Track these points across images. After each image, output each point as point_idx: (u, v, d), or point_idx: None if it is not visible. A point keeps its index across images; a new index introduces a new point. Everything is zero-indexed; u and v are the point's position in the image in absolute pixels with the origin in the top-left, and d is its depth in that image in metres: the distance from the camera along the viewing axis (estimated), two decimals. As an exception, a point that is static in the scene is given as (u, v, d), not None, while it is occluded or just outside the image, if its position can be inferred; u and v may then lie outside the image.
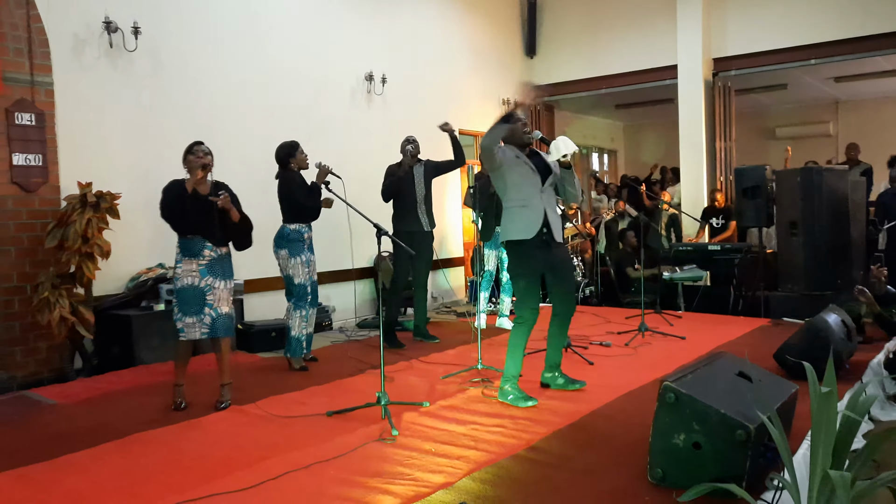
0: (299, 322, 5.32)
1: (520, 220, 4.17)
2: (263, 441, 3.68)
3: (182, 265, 4.28)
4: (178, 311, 4.28)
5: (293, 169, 5.32)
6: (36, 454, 3.51)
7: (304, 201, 5.24)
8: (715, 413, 2.79)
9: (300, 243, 5.29)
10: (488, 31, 10.11)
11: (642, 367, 5.04)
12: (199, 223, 4.28)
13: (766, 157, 12.37)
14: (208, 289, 4.30)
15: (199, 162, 4.26)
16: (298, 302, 5.30)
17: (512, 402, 4.15)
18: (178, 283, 4.28)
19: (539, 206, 4.19)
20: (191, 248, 4.29)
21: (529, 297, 4.21)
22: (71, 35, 5.58)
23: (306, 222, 5.34)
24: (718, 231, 8.86)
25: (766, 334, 6.19)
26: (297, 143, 5.39)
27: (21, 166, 5.25)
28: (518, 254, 4.21)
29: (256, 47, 6.96)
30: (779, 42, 8.98)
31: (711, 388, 2.95)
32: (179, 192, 4.25)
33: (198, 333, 4.30)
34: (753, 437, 2.71)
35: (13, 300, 5.21)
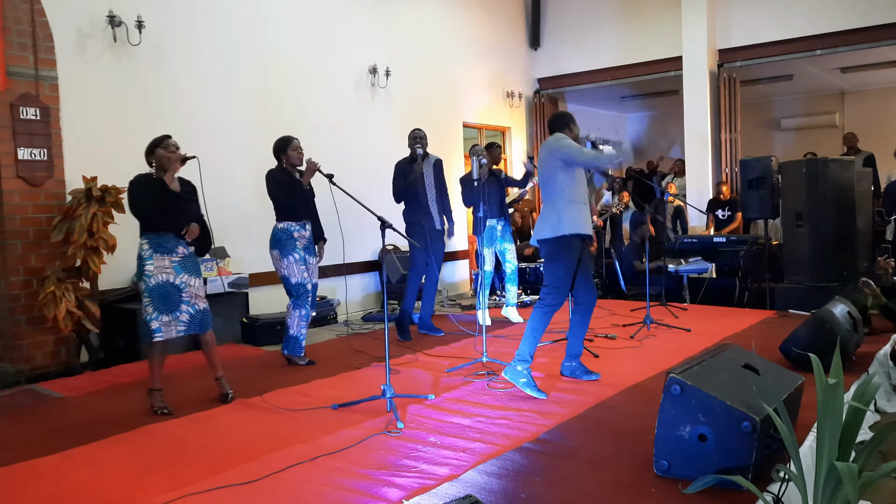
0: (298, 321, 5.24)
1: (582, 216, 4.37)
2: (269, 433, 3.69)
3: (153, 262, 4.10)
4: (153, 310, 4.08)
5: (283, 165, 5.22)
6: (44, 447, 3.52)
7: (282, 199, 5.14)
8: (720, 405, 2.79)
9: (291, 241, 5.13)
10: (492, 23, 10.08)
11: (648, 360, 5.04)
12: (175, 220, 4.17)
13: (772, 148, 12.35)
14: (183, 286, 4.17)
15: (176, 156, 4.14)
16: (297, 301, 5.21)
17: (523, 386, 4.20)
18: (152, 281, 4.08)
19: (588, 204, 4.52)
20: (163, 245, 4.15)
21: (564, 284, 4.34)
22: (75, 29, 5.58)
23: (297, 220, 5.21)
24: (724, 223, 8.84)
25: (771, 326, 6.17)
26: (290, 138, 5.24)
27: (26, 160, 5.27)
28: (568, 246, 4.34)
29: (260, 41, 6.95)
30: (784, 32, 8.93)
31: (717, 380, 2.94)
32: (156, 187, 4.11)
33: (174, 332, 4.14)
34: (759, 429, 2.71)
35: (19, 294, 5.23)
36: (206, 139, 6.31)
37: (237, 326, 6.20)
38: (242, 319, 6.24)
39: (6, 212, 5.19)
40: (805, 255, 6.91)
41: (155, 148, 4.21)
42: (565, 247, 4.34)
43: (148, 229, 4.17)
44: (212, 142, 6.39)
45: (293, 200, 5.16)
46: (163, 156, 4.16)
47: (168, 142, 4.22)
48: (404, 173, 6.10)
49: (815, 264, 6.84)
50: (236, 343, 6.11)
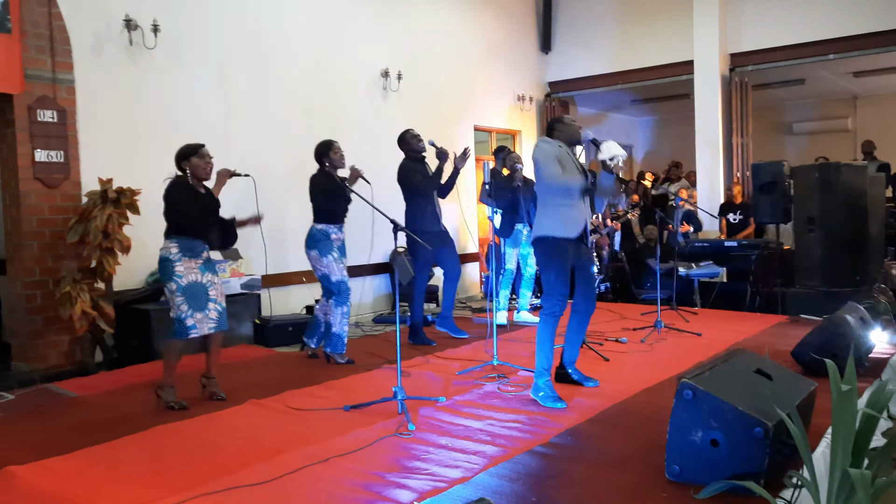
0: (340, 318, 5.30)
1: (566, 218, 4.19)
2: (281, 434, 3.72)
3: (181, 263, 4.22)
4: (188, 308, 4.21)
5: (326, 168, 5.29)
6: (59, 446, 3.56)
7: (323, 205, 5.23)
8: (733, 410, 2.79)
9: (328, 241, 5.23)
10: (503, 26, 10.09)
11: (658, 364, 5.04)
12: (210, 228, 4.36)
13: (783, 152, 12.29)
14: (210, 284, 4.32)
15: (205, 166, 4.29)
16: (339, 298, 5.28)
17: (541, 399, 4.12)
18: (184, 281, 4.21)
19: (582, 208, 4.25)
20: (193, 248, 4.28)
21: (559, 289, 4.21)
22: (92, 33, 5.64)
23: (335, 223, 5.29)
24: (736, 227, 8.81)
25: (783, 331, 6.16)
26: (332, 141, 5.31)
27: (43, 162, 5.33)
28: (553, 249, 4.21)
29: (274, 44, 7.00)
30: (796, 37, 8.90)
31: (729, 385, 2.95)
32: (196, 195, 4.27)
33: (206, 328, 4.29)
34: (772, 435, 2.71)
35: (35, 294, 5.29)
36: (219, 142, 6.33)
37: (249, 327, 6.24)
38: (255, 321, 6.27)
39: (23, 213, 5.25)
40: (817, 259, 6.88)
41: (190, 156, 4.29)
42: (552, 250, 4.21)
43: (182, 234, 4.26)
44: (224, 144, 6.42)
45: (335, 206, 5.21)
46: (199, 165, 4.28)
47: (203, 150, 4.32)
48: (421, 172, 6.03)
49: (828, 269, 6.81)
50: (249, 344, 6.14)
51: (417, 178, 5.95)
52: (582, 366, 4.66)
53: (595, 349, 5.38)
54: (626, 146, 15.23)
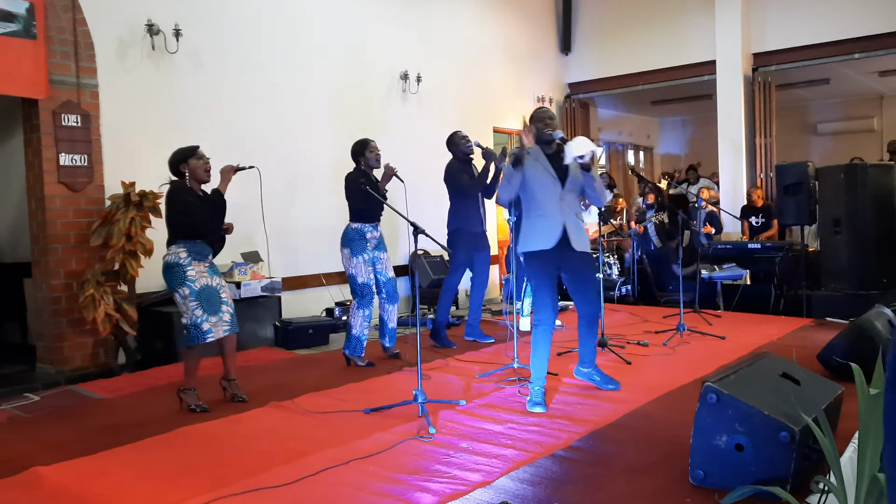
0: (361, 321, 5.33)
1: (538, 229, 4.07)
2: (303, 436, 3.73)
3: (192, 268, 4.22)
4: (203, 312, 4.21)
5: (361, 167, 5.33)
6: (84, 447, 3.60)
7: (358, 204, 5.25)
8: (758, 414, 2.75)
9: (362, 242, 5.27)
10: (523, 28, 10.07)
11: (681, 367, 4.99)
12: (217, 230, 4.38)
13: (808, 153, 12.16)
14: (220, 287, 4.34)
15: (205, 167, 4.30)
16: (362, 301, 5.32)
17: (528, 405, 4.09)
18: (196, 285, 4.20)
19: (558, 216, 4.06)
20: (200, 252, 4.29)
21: (541, 299, 4.12)
22: (115, 38, 5.70)
23: (370, 221, 5.33)
24: (758, 230, 8.71)
25: (808, 334, 6.07)
26: (368, 140, 5.37)
27: (67, 166, 5.39)
28: (531, 262, 4.15)
29: (294, 48, 7.03)
30: (821, 36, 8.78)
31: (755, 389, 2.91)
32: (199, 198, 4.27)
33: (222, 332, 4.29)
34: (798, 439, 2.67)
35: (60, 297, 5.35)
36: (240, 145, 6.40)
37: (270, 330, 6.26)
38: (275, 323, 6.30)
39: (48, 216, 5.32)
40: (843, 262, 6.79)
41: (188, 158, 4.28)
42: (531, 263, 4.17)
43: (189, 237, 4.26)
44: (246, 147, 6.48)
45: (368, 204, 5.22)
46: (198, 166, 4.28)
47: (200, 151, 4.32)
48: (468, 173, 6.01)
49: (854, 271, 6.71)
50: (269, 347, 6.17)
51: (464, 179, 5.97)
52: (604, 369, 4.61)
53: (617, 352, 5.34)
54: (646, 147, 15.21)
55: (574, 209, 4.12)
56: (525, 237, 4.16)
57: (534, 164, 4.06)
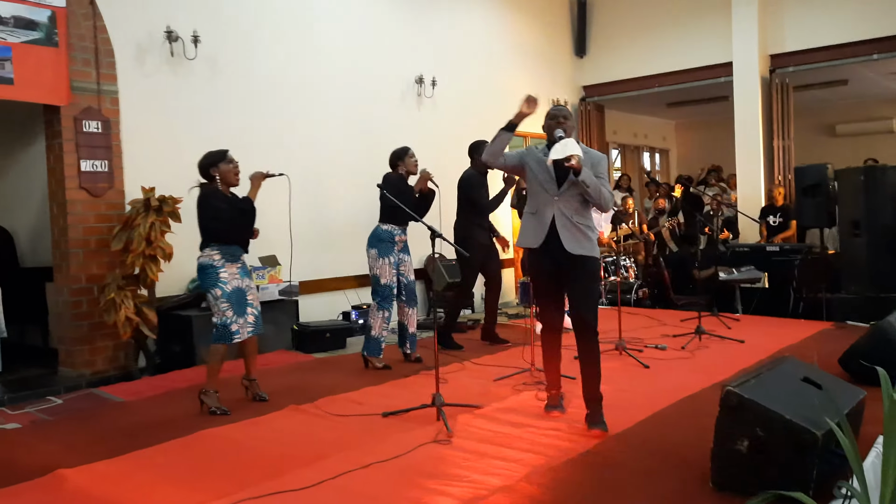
0: (381, 322, 5.38)
1: (528, 227, 3.95)
2: (322, 440, 3.75)
3: (225, 269, 4.33)
4: (233, 314, 4.31)
5: (399, 172, 5.45)
6: (107, 449, 3.64)
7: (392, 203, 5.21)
8: (780, 418, 2.73)
9: (391, 244, 5.36)
10: (538, 31, 10.07)
11: (700, 371, 4.96)
12: (247, 233, 4.48)
13: (826, 154, 12.02)
14: (247, 289, 4.45)
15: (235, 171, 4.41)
16: (383, 302, 5.37)
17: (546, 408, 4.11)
18: (228, 287, 4.32)
19: (547, 214, 3.82)
20: (233, 254, 4.41)
21: (541, 302, 4.07)
22: (134, 45, 5.77)
23: (400, 224, 5.40)
24: (776, 229, 8.64)
25: (828, 338, 6.02)
26: (407, 148, 5.52)
27: (88, 172, 5.46)
28: (529, 260, 4.09)
29: (310, 53, 7.08)
30: (839, 37, 8.71)
31: (776, 393, 2.89)
32: (230, 202, 4.37)
33: (246, 333, 4.40)
34: (820, 444, 2.65)
35: (81, 301, 5.41)
36: (256, 150, 6.44)
37: (288, 334, 6.30)
38: (293, 327, 6.33)
39: (69, 221, 5.38)
40: (863, 264, 6.73)
41: (218, 162, 4.38)
42: (528, 259, 4.08)
43: (221, 240, 4.36)
44: (262, 152, 6.51)
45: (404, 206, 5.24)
46: (228, 170, 4.38)
47: (230, 156, 4.42)
48: (483, 187, 6.09)
49: (874, 274, 6.65)
50: (287, 350, 6.20)
51: (482, 195, 6.07)
52: (622, 373, 4.60)
53: (634, 356, 5.32)
54: (662, 150, 15.14)
55: (571, 211, 3.81)
56: (520, 233, 4.09)
57: (537, 161, 3.90)
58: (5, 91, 5.00)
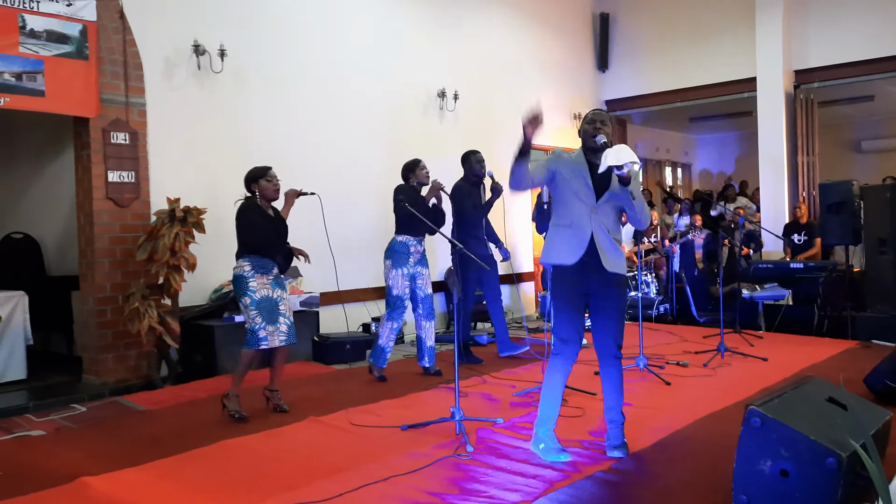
0: (388, 333, 5.42)
1: (560, 241, 3.58)
2: (341, 451, 3.76)
3: (255, 280, 4.44)
4: (262, 320, 4.42)
5: (412, 183, 5.50)
6: (129, 458, 3.67)
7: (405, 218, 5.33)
8: (804, 439, 2.70)
9: (405, 256, 5.40)
10: (560, 45, 10.09)
11: (723, 389, 4.91)
12: (279, 248, 4.56)
13: (852, 171, 11.92)
14: (280, 300, 4.51)
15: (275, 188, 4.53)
16: (392, 313, 5.42)
17: (542, 452, 3.57)
18: (257, 295, 4.42)
19: (585, 228, 3.53)
20: (264, 266, 4.50)
21: (561, 327, 3.61)
22: (163, 58, 5.86)
23: (415, 235, 5.43)
24: (800, 248, 8.56)
25: (854, 357, 5.93)
26: (419, 160, 5.57)
27: (115, 182, 5.54)
28: (556, 277, 3.64)
29: (334, 67, 7.15)
30: (864, 52, 8.64)
31: (800, 413, 2.85)
32: (267, 217, 4.49)
33: (277, 341, 4.46)
34: (845, 466, 2.61)
35: (106, 310, 5.49)
36: (280, 161, 6.48)
37: (308, 345, 6.33)
38: (314, 338, 6.36)
39: (96, 231, 5.46)
40: (889, 282, 6.64)
41: (259, 178, 4.52)
42: (554, 279, 3.63)
43: (254, 253, 4.47)
44: (286, 164, 6.55)
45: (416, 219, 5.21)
46: (267, 187, 4.51)
47: (271, 173, 4.55)
48: (471, 197, 6.10)
49: (901, 293, 6.56)
50: (307, 361, 6.23)
51: (468, 205, 6.07)
52: (642, 390, 4.56)
53: (655, 372, 5.28)
54: (683, 164, 15.07)
55: (608, 226, 3.57)
56: (548, 248, 3.66)
57: (572, 168, 3.61)
58: (36, 103, 5.10)
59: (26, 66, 5.01)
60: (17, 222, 7.17)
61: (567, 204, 3.58)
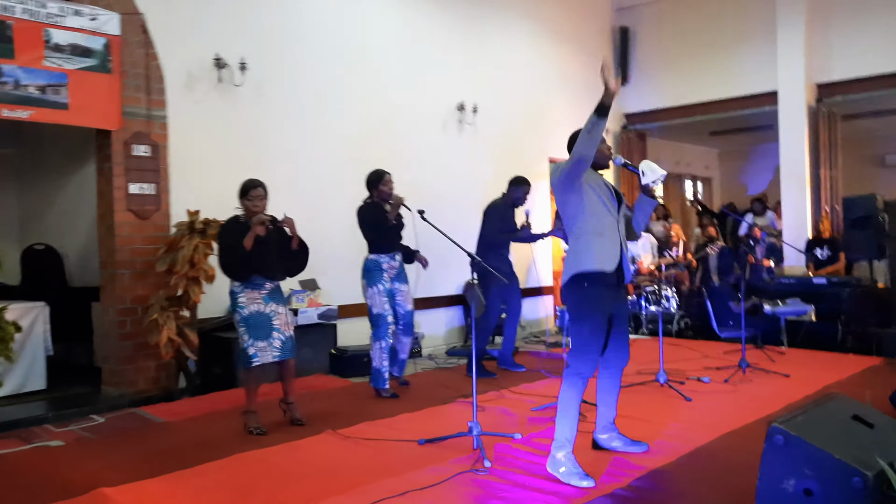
0: (379, 353, 5.33)
1: (597, 249, 3.57)
2: (359, 466, 3.74)
3: (244, 295, 4.42)
4: (249, 337, 4.38)
5: (374, 198, 5.39)
6: (148, 469, 3.68)
7: (370, 234, 5.32)
8: (829, 458, 2.64)
9: (379, 273, 5.32)
10: (579, 59, 10.08)
11: (745, 406, 4.83)
12: (259, 265, 4.42)
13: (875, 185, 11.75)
14: (273, 314, 4.47)
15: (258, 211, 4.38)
16: (377, 332, 5.32)
17: (563, 476, 3.44)
18: (245, 311, 4.40)
19: (617, 238, 3.64)
20: (252, 283, 4.46)
21: (593, 345, 3.58)
22: (185, 72, 5.93)
23: (387, 252, 5.37)
24: (823, 263, 8.44)
25: (879, 374, 5.82)
26: (383, 173, 5.40)
27: (136, 195, 5.60)
28: (586, 291, 3.59)
29: (354, 80, 7.19)
30: (887, 66, 8.54)
31: (825, 431, 2.79)
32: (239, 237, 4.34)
33: (269, 357, 4.42)
34: (872, 485, 2.55)
35: (126, 321, 5.52)
36: (301, 174, 6.56)
37: (326, 358, 6.32)
38: (331, 351, 6.36)
39: (117, 243, 5.51)
40: (915, 298, 6.52)
41: (242, 196, 4.49)
42: (587, 294, 3.58)
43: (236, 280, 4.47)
44: (307, 177, 6.64)
45: (382, 235, 5.31)
46: (248, 206, 4.45)
47: (253, 192, 4.45)
48: (504, 220, 6.15)
49: (927, 309, 6.43)
50: (325, 374, 6.22)
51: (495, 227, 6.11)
52: (663, 406, 4.51)
53: (676, 388, 5.21)
54: (705, 178, 14.97)
55: (623, 237, 3.72)
56: (583, 256, 3.59)
57: (595, 180, 3.70)
58: (60, 116, 5.17)
59: (51, 80, 5.09)
60: (40, 234, 7.27)
61: (597, 214, 3.64)
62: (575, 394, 3.58)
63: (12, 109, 4.92)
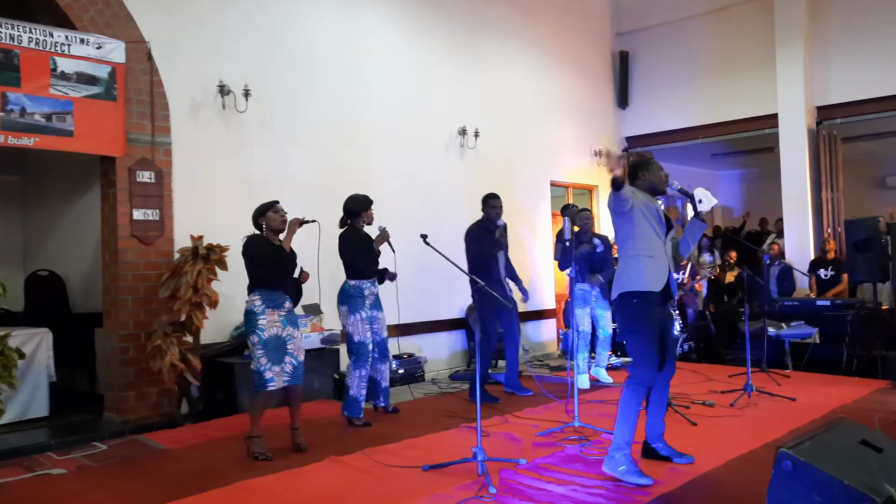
0: (358, 382, 5.27)
1: (647, 270, 3.88)
2: (363, 493, 3.70)
3: (265, 316, 4.41)
4: (267, 361, 4.37)
5: (355, 225, 5.40)
6: (150, 498, 3.66)
7: (352, 261, 5.31)
8: (838, 484, 2.62)
9: (361, 299, 5.29)
10: (580, 83, 10.16)
11: (751, 430, 4.79)
12: (287, 278, 4.54)
13: (876, 207, 11.76)
14: (289, 338, 4.48)
15: (282, 219, 4.53)
16: (358, 360, 5.27)
17: (623, 475, 3.73)
18: (265, 334, 4.39)
19: (665, 259, 3.95)
20: (275, 300, 4.48)
21: (650, 356, 3.87)
22: (189, 98, 5.97)
23: (368, 278, 5.36)
24: (827, 284, 8.42)
25: (885, 397, 5.78)
26: (368, 203, 5.43)
27: (140, 220, 5.61)
28: (639, 308, 3.90)
29: (355, 105, 7.24)
30: (887, 88, 8.59)
31: (833, 457, 2.77)
32: (277, 252, 4.47)
33: (281, 382, 4.42)
34: (882, 512, 2.52)
35: (128, 346, 5.51)
36: (305, 200, 6.56)
37: (329, 382, 6.29)
38: (334, 376, 6.33)
39: (120, 269, 5.52)
40: (920, 321, 6.49)
41: (266, 211, 4.55)
42: (640, 309, 3.88)
43: (263, 286, 4.48)
44: (310, 202, 6.64)
45: (367, 265, 5.33)
46: (275, 219, 4.52)
47: (278, 206, 4.57)
48: (480, 241, 6.11)
49: (932, 331, 6.40)
50: (328, 399, 6.19)
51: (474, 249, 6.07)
52: (668, 430, 4.44)
53: (681, 412, 5.17)
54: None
55: (671, 259, 4.04)
56: (633, 276, 3.90)
57: (646, 205, 3.98)
58: (65, 143, 5.21)
59: (56, 108, 5.13)
60: (44, 260, 7.29)
61: (648, 238, 3.95)
62: (636, 401, 3.86)
63: (18, 137, 4.95)
